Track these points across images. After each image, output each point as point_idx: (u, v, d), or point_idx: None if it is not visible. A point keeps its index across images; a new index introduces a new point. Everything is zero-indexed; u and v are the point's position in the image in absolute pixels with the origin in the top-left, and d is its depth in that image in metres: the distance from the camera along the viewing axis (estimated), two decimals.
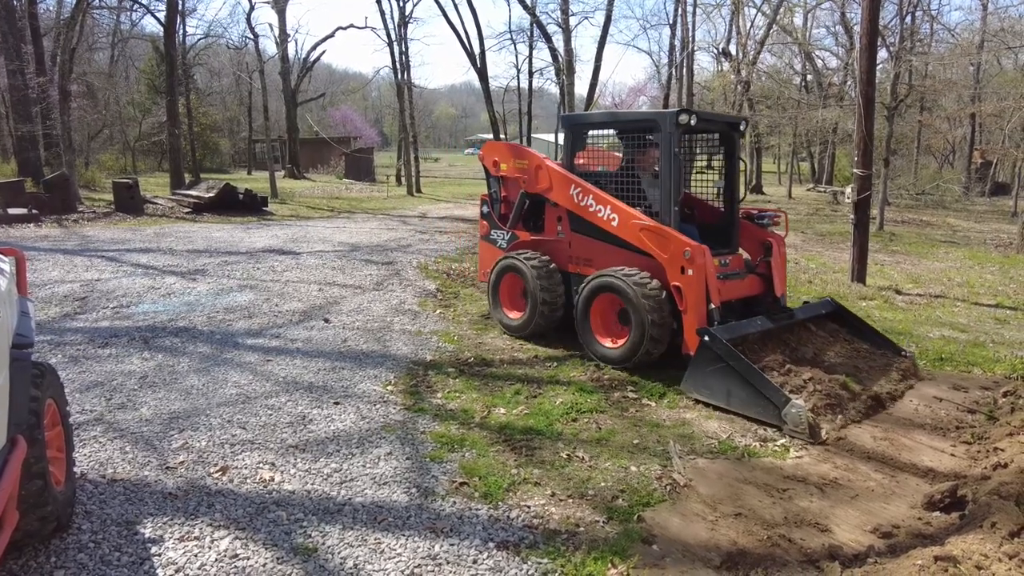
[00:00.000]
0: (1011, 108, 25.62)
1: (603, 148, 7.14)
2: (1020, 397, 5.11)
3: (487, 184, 7.77)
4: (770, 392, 4.94)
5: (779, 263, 6.51)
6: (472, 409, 5.12)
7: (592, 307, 6.19)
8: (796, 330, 6.14)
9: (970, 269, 12.42)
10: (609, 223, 6.21)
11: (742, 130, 6.63)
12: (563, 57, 25.15)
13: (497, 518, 3.64)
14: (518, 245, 7.24)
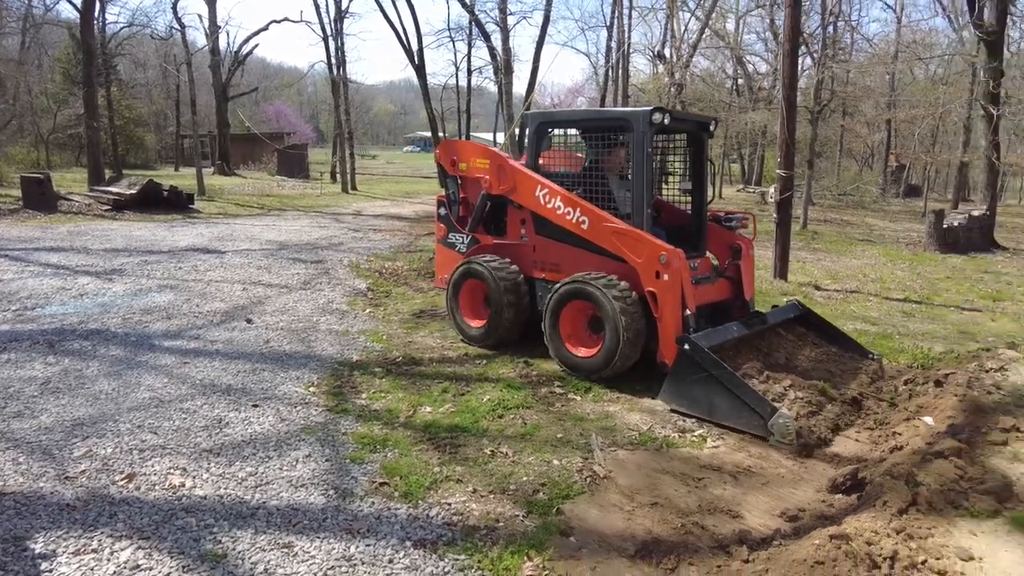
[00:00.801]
0: (922, 115, 27.23)
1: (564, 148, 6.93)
2: (918, 384, 5.43)
3: (444, 184, 7.42)
4: (755, 403, 4.80)
5: (748, 266, 6.40)
6: (397, 409, 5.06)
7: (562, 315, 5.88)
8: (767, 335, 6.02)
9: (883, 266, 13.11)
10: (579, 226, 5.91)
11: (711, 130, 6.45)
12: (501, 56, 25.18)
13: (416, 517, 3.62)
14: (479, 249, 6.85)
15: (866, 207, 27.69)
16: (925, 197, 26.80)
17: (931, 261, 13.94)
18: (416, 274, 9.98)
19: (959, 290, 10.70)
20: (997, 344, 6.65)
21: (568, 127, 6.76)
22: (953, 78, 26.85)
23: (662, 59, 30.70)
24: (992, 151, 17.82)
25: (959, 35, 29.20)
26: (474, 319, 6.74)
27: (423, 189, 28.90)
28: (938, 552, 3.07)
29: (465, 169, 6.92)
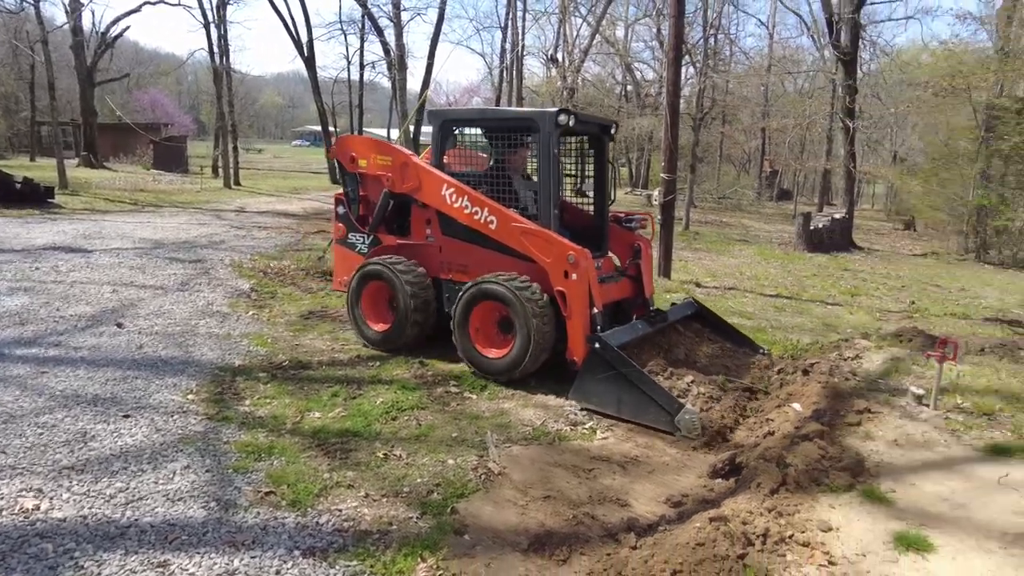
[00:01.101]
0: (791, 125, 29.52)
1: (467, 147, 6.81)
2: (788, 373, 5.88)
3: (342, 182, 7.09)
4: (663, 399, 4.93)
5: (647, 266, 6.56)
6: (284, 415, 4.86)
7: (471, 316, 5.81)
8: (668, 332, 6.20)
9: (758, 264, 14.09)
10: (487, 226, 5.83)
11: (612, 133, 6.55)
12: (395, 52, 24.81)
13: (305, 525, 3.49)
14: (381, 250, 6.62)
15: (743, 209, 29.67)
16: (795, 201, 29.11)
17: (800, 260, 15.15)
18: (304, 274, 9.60)
19: (823, 286, 11.70)
20: (854, 335, 7.32)
21: (473, 126, 6.68)
22: (817, 92, 29.30)
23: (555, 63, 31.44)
24: (849, 160, 19.63)
25: (821, 54, 31.90)
26: (377, 322, 6.52)
27: (312, 185, 27.89)
28: (803, 526, 3.34)
29: (365, 166, 6.68)
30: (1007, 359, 6.01)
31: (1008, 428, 4.48)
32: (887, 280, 12.91)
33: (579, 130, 6.23)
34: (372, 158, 6.60)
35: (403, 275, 6.14)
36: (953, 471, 3.92)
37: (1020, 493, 3.69)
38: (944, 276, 14.12)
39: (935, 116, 22.78)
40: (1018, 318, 9.47)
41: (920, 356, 5.83)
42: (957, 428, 4.48)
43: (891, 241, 22.12)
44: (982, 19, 21.89)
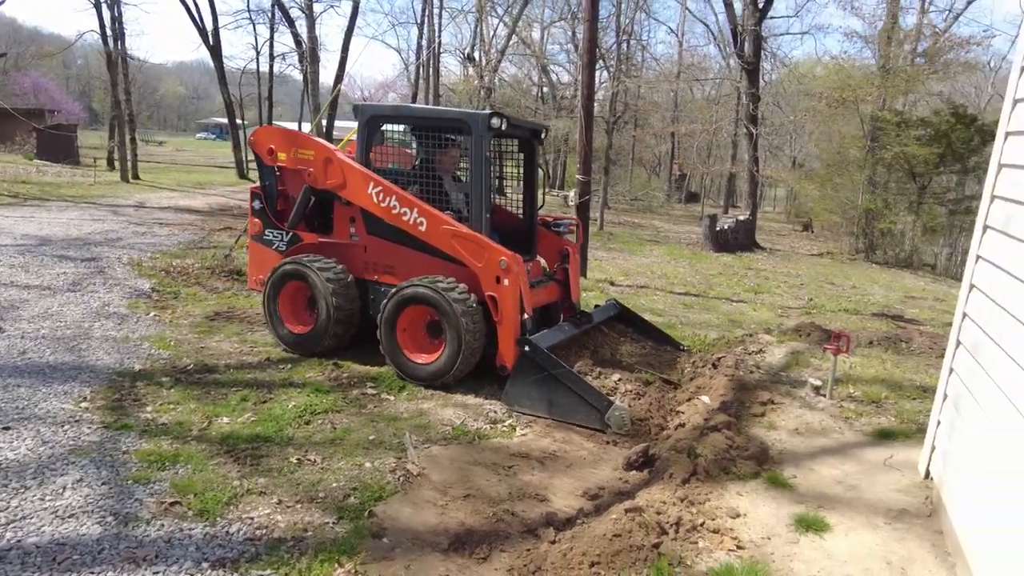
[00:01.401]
0: (699, 130, 30.86)
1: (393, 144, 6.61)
2: (698, 367, 6.13)
3: (260, 175, 6.72)
4: (593, 398, 4.99)
5: (574, 270, 6.61)
6: (189, 421, 4.60)
7: (400, 320, 5.65)
8: (593, 333, 6.29)
9: (668, 264, 14.62)
10: (416, 228, 5.68)
11: (543, 138, 6.52)
12: (307, 44, 24.03)
13: (214, 535, 3.32)
14: (301, 248, 6.33)
15: (654, 211, 30.72)
16: (702, 203, 30.44)
17: (707, 259, 15.83)
18: (210, 273, 9.14)
19: (729, 284, 12.28)
20: (757, 331, 7.72)
21: (402, 123, 6.50)
22: (723, 99, 30.77)
23: (472, 61, 31.42)
24: (753, 165, 20.72)
25: (727, 63, 33.48)
26: (297, 325, 6.24)
27: (218, 180, 26.60)
28: (713, 514, 3.49)
29: (284, 159, 6.36)
30: (891, 351, 6.53)
31: (892, 414, 4.86)
32: (787, 278, 13.71)
33: (510, 133, 6.18)
34: (293, 151, 6.30)
35: (325, 275, 5.91)
36: (846, 455, 4.21)
37: (902, 472, 4.01)
38: (838, 275, 15.15)
39: (829, 125, 24.42)
40: (900, 313, 10.30)
41: (817, 349, 6.23)
42: (850, 416, 4.82)
43: (791, 242, 23.51)
44: (867, 38, 23.70)
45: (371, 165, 6.07)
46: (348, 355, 6.11)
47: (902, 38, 21.89)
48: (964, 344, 3.68)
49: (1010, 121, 3.50)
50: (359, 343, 6.08)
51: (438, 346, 5.59)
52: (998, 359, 3.10)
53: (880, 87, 19.92)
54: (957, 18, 24.13)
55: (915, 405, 5.00)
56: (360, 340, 6.10)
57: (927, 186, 19.38)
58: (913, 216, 19.21)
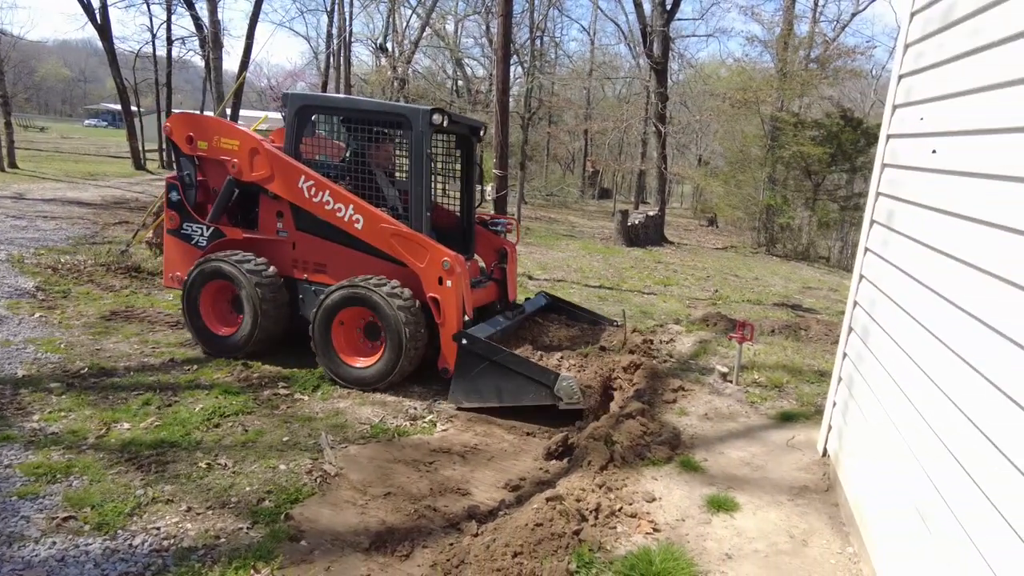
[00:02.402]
0: (610, 128, 31.64)
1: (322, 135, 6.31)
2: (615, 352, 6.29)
3: (176, 164, 6.30)
4: (539, 374, 4.93)
5: (512, 269, 6.55)
6: (84, 429, 4.29)
7: (335, 322, 5.40)
8: (527, 325, 6.31)
9: (583, 258, 14.92)
10: (352, 225, 5.45)
11: (481, 135, 6.42)
12: (208, 28, 22.80)
13: (115, 549, 3.11)
14: (224, 244, 6.01)
15: (568, 206, 31.24)
16: (614, 199, 31.23)
17: (619, 253, 16.27)
18: (105, 270, 8.52)
19: (640, 277, 12.68)
20: (667, 321, 8.02)
21: (337, 115, 6.18)
22: (633, 98, 31.70)
23: (384, 52, 30.84)
24: (662, 162, 21.45)
25: (637, 62, 34.45)
26: (221, 326, 5.91)
27: (112, 171, 24.82)
28: (630, 499, 3.60)
29: (206, 149, 5.99)
30: (791, 338, 6.94)
31: (794, 398, 5.18)
32: (694, 271, 14.31)
33: (449, 129, 6.02)
34: (214, 140, 5.93)
35: (250, 273, 5.60)
36: (753, 438, 4.45)
37: (803, 452, 4.28)
38: (741, 267, 15.95)
39: (732, 125, 25.63)
40: (799, 303, 10.98)
41: (723, 338, 6.54)
42: (755, 400, 5.09)
43: (697, 236, 24.54)
44: (766, 43, 25.04)
45: (301, 157, 5.80)
46: (257, 354, 5.87)
47: (797, 44, 23.28)
48: (855, 330, 3.97)
49: (890, 125, 3.80)
50: (271, 343, 5.85)
51: (376, 349, 5.42)
52: (884, 343, 3.36)
53: (778, 89, 21.10)
54: (844, 28, 25.94)
55: (814, 388, 5.35)
56: (286, 342, 5.87)
57: (821, 183, 20.73)
58: (809, 212, 20.51)
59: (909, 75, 3.57)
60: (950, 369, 2.50)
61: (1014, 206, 2.19)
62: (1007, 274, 2.16)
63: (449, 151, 6.54)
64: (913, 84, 3.48)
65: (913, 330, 2.95)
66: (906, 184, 3.40)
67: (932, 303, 2.77)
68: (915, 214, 3.17)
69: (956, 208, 2.66)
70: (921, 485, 2.62)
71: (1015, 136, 2.26)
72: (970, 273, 2.44)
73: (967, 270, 2.47)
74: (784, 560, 3.12)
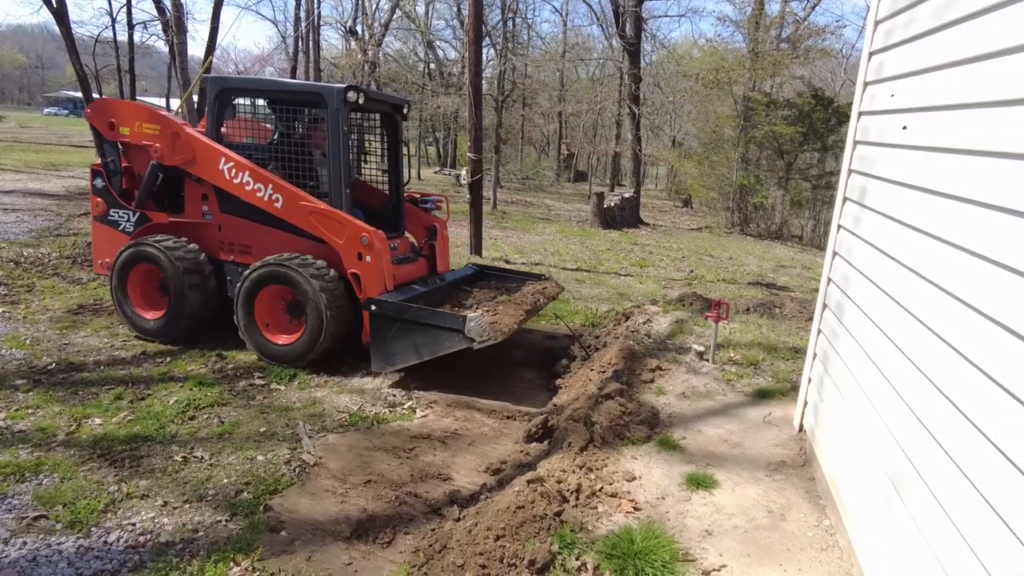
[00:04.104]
0: (585, 110, 31.53)
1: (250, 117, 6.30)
2: (597, 338, 6.30)
3: (100, 151, 6.29)
4: (448, 321, 5.04)
5: (443, 245, 6.67)
6: (53, 425, 4.19)
7: (257, 300, 5.49)
8: (450, 291, 6.38)
9: (560, 241, 14.92)
10: (272, 204, 5.52)
11: (405, 112, 6.49)
12: (171, 12, 22.15)
13: (89, 547, 3.06)
14: (151, 229, 6.03)
15: (544, 190, 31.19)
16: (590, 181, 31.25)
17: (595, 236, 16.30)
18: (71, 262, 8.31)
19: (616, 259, 12.72)
20: (644, 302, 8.06)
21: (256, 96, 6.23)
22: (607, 80, 31.58)
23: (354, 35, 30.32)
24: (636, 144, 21.47)
25: (610, 43, 34.34)
26: (149, 310, 5.95)
27: (75, 160, 24.12)
28: (610, 479, 3.62)
29: (128, 134, 6.01)
30: (766, 316, 7.02)
31: (769, 375, 5.24)
32: (670, 252, 14.40)
33: (370, 108, 6.10)
34: (136, 126, 5.96)
35: (175, 255, 5.66)
36: (730, 415, 4.50)
37: (779, 428, 4.34)
38: (716, 247, 16.09)
39: (705, 105, 25.72)
40: (773, 281, 11.11)
41: (699, 317, 6.59)
42: (731, 378, 5.14)
43: (672, 217, 24.69)
44: (738, 23, 25.06)
45: (223, 140, 5.84)
46: (231, 345, 5.80)
47: (768, 24, 23.34)
48: (829, 307, 4.01)
49: (862, 102, 3.82)
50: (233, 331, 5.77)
51: (299, 326, 5.50)
52: (858, 319, 3.40)
53: (750, 70, 21.18)
54: (814, 8, 26.07)
55: (789, 365, 5.41)
56: (221, 323, 5.88)
57: (793, 163, 20.93)
58: (782, 191, 20.70)
59: (879, 52, 3.58)
60: (923, 343, 2.53)
61: (983, 180, 2.21)
62: (978, 248, 2.19)
63: (373, 129, 6.61)
64: (884, 61, 3.49)
65: (886, 306, 2.99)
66: (877, 161, 3.42)
67: (905, 279, 2.80)
68: (887, 190, 3.20)
69: (927, 183, 2.68)
70: (895, 458, 2.67)
71: (983, 111, 2.27)
72: (942, 248, 2.47)
73: (939, 245, 2.50)
74: (763, 535, 3.16)
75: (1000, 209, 2.08)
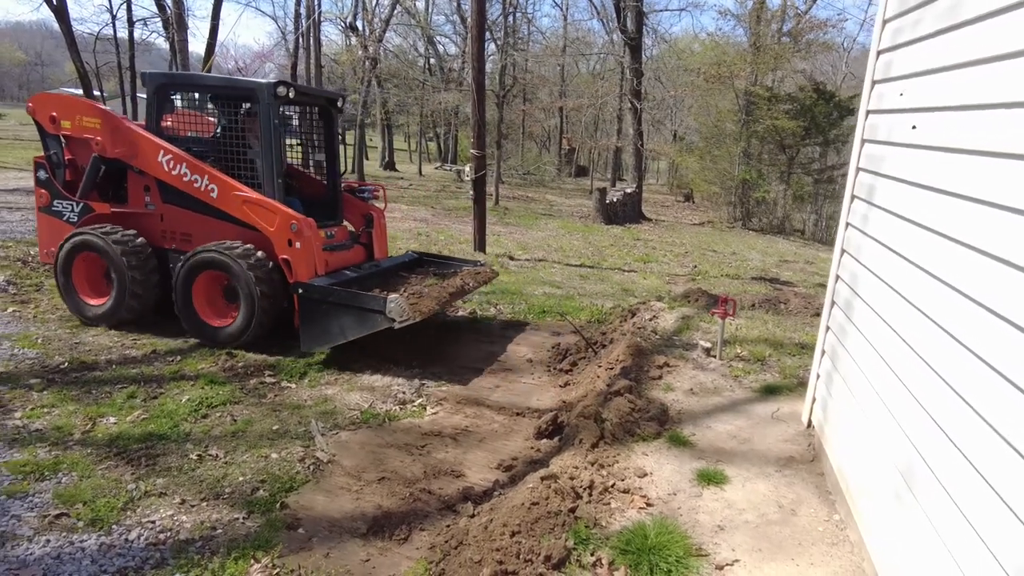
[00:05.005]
0: (585, 105, 31.46)
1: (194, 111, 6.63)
2: (604, 335, 6.34)
3: (43, 144, 6.53)
4: (370, 302, 5.29)
5: (379, 233, 6.98)
6: (69, 424, 4.23)
7: (195, 286, 5.80)
8: (386, 277, 6.58)
9: (563, 237, 14.94)
10: (208, 194, 5.84)
11: (340, 106, 6.79)
12: (172, 9, 22.15)
13: (111, 545, 3.10)
14: (94, 219, 6.30)
15: (546, 185, 31.18)
16: (591, 177, 31.17)
17: (598, 231, 16.33)
18: None
19: (620, 255, 12.75)
20: (649, 298, 8.09)
21: (192, 91, 6.52)
22: (608, 74, 31.52)
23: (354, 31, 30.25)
24: (638, 139, 21.46)
25: (611, 38, 34.22)
26: (94, 297, 6.23)
27: None
28: (622, 475, 3.66)
29: (70, 127, 6.28)
30: (772, 312, 7.06)
31: (776, 371, 5.28)
32: (673, 247, 14.42)
33: (303, 101, 6.39)
34: (77, 119, 6.23)
35: (117, 244, 5.92)
36: (738, 411, 4.54)
37: (788, 424, 4.38)
38: (719, 242, 16.12)
39: (707, 100, 25.66)
40: (776, 276, 11.14)
41: (705, 313, 6.63)
42: (738, 374, 5.18)
43: (674, 212, 24.70)
44: (739, 16, 25.02)
45: (162, 133, 6.12)
46: (241, 344, 5.83)
47: (769, 17, 23.31)
48: (838, 303, 4.05)
49: (870, 100, 3.84)
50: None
51: (235, 309, 5.78)
52: (867, 316, 3.44)
53: (752, 64, 21.16)
54: (815, 1, 26.03)
55: (795, 361, 5.45)
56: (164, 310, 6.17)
57: (795, 157, 20.92)
58: (784, 185, 20.71)
59: (887, 51, 3.60)
60: (933, 340, 2.57)
61: (993, 181, 2.25)
62: (988, 247, 2.23)
63: (311, 122, 6.93)
64: (892, 59, 3.52)
65: (896, 302, 3.02)
66: (886, 159, 3.45)
67: (914, 276, 2.84)
68: (896, 189, 3.23)
69: (937, 183, 2.71)
70: (905, 452, 2.71)
71: (994, 112, 2.31)
72: (952, 246, 2.51)
73: (949, 244, 2.53)
74: (774, 529, 3.21)
75: (1009, 209, 2.11)
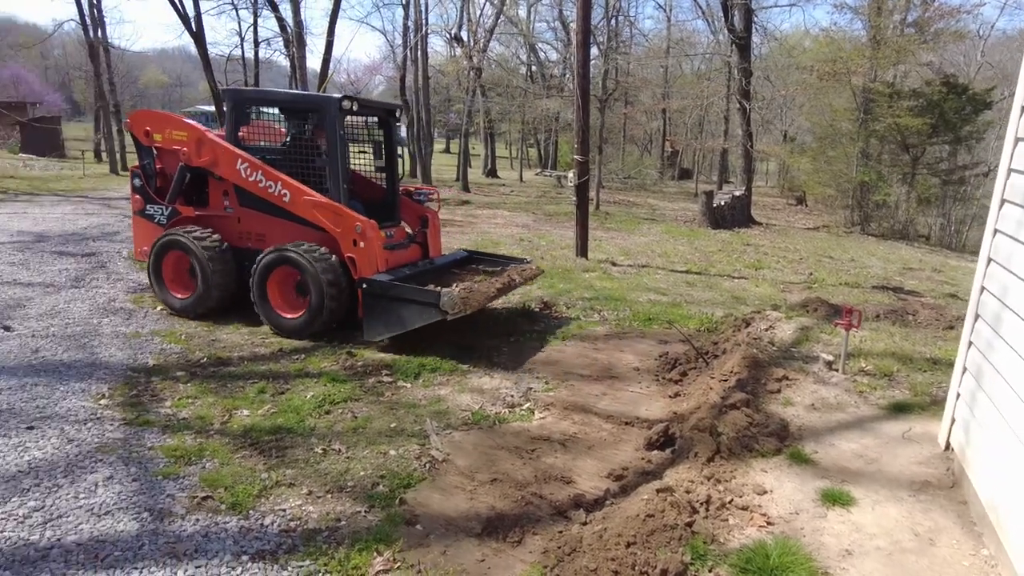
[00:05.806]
0: (690, 106, 30.71)
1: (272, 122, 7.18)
2: (717, 346, 6.16)
3: (138, 155, 7.30)
4: (425, 296, 5.71)
5: (434, 233, 7.40)
6: (210, 415, 4.61)
7: (269, 281, 6.32)
8: (440, 273, 6.92)
9: (666, 242, 14.63)
10: (281, 199, 6.37)
11: (398, 116, 7.29)
12: (292, 28, 23.65)
13: (249, 528, 3.35)
14: (181, 221, 6.94)
15: (647, 189, 30.66)
16: (696, 179, 30.40)
17: (704, 236, 15.85)
18: None
19: (728, 261, 12.32)
20: (763, 307, 7.77)
21: (266, 105, 7.08)
22: (713, 75, 30.55)
23: (459, 42, 31.05)
24: (746, 139, 20.66)
25: (716, 37, 33.22)
26: (180, 290, 6.83)
27: None
28: (740, 491, 3.54)
29: (160, 140, 6.94)
30: (898, 324, 6.59)
31: (906, 387, 4.92)
32: (786, 253, 13.77)
33: (365, 113, 6.92)
34: (167, 133, 6.88)
35: (200, 243, 6.49)
36: (864, 429, 4.27)
37: (921, 445, 4.08)
38: (835, 248, 15.23)
39: (820, 98, 24.36)
40: (900, 285, 10.38)
41: (825, 324, 6.28)
42: (864, 390, 4.87)
43: (786, 216, 23.58)
44: (856, 9, 23.55)
45: (240, 144, 6.65)
46: (359, 342, 6.14)
47: (891, 8, 21.78)
48: (983, 317, 3.72)
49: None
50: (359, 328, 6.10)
51: (305, 303, 6.28)
52: (1019, 330, 3.14)
53: (871, 58, 19.86)
54: None
55: (927, 377, 5.06)
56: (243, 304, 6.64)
57: (920, 157, 19.44)
58: (907, 187, 19.29)
59: None
60: None
61: None
62: None
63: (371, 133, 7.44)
64: None
65: None
66: None
67: None
68: None
69: None
70: None
71: None
72: None
73: None
74: (910, 559, 2.99)
75: None
